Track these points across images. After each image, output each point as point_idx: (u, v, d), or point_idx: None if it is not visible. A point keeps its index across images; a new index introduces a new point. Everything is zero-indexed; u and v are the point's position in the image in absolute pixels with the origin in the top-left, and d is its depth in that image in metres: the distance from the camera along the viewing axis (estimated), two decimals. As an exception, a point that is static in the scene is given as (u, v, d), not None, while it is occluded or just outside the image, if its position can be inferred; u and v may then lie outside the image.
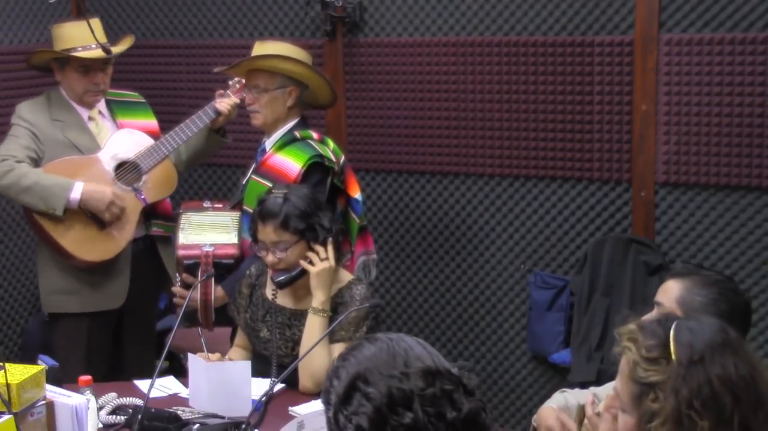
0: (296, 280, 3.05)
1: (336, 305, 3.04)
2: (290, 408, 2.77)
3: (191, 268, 3.42)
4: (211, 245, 3.42)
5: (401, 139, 4.32)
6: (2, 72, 4.41)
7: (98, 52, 3.57)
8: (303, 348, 2.98)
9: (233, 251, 3.42)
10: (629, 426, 1.80)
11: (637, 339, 1.79)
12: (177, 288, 3.47)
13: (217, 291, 3.38)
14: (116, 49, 3.71)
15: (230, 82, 3.79)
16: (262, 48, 3.56)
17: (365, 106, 4.36)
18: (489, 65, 4.09)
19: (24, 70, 4.37)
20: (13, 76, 4.43)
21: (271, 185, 3.36)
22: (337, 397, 1.60)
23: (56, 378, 2.79)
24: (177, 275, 3.50)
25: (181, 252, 3.44)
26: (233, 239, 3.44)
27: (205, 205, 3.59)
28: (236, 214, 3.52)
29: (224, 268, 3.40)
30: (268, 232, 3.01)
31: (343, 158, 3.59)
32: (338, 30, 4.31)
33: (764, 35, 3.60)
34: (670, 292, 2.39)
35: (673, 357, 1.74)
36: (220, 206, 3.59)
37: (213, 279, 3.36)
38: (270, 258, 3.03)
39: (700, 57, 3.71)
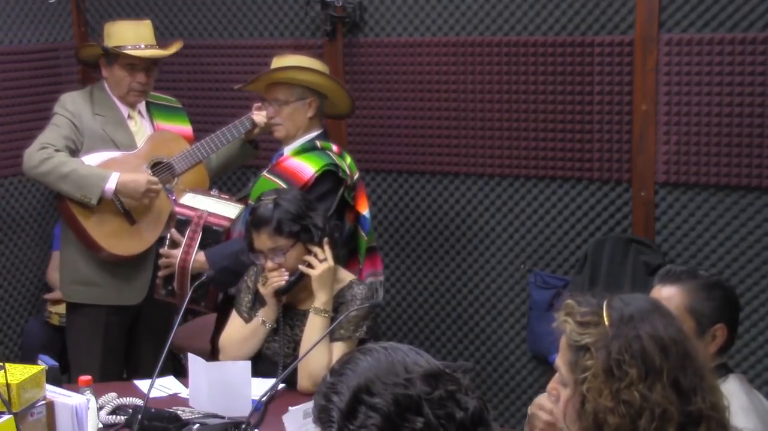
0: (295, 285, 3.05)
1: (337, 305, 3.05)
2: (290, 408, 2.76)
3: (181, 225, 3.49)
4: (207, 211, 3.49)
5: (401, 139, 4.32)
6: (2, 72, 4.41)
7: (145, 52, 3.68)
8: (303, 347, 2.99)
9: (226, 222, 3.48)
10: (567, 397, 1.83)
11: (573, 311, 1.85)
12: (164, 249, 3.54)
13: (198, 256, 3.42)
14: (164, 52, 3.79)
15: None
16: (279, 62, 3.59)
17: (365, 106, 4.36)
18: (489, 65, 4.09)
19: (24, 70, 4.39)
20: (12, 76, 4.44)
21: (282, 184, 3.38)
22: (339, 413, 1.56)
23: (56, 378, 2.79)
24: (167, 236, 3.54)
25: (177, 209, 3.54)
26: (231, 213, 3.48)
27: (212, 193, 3.62)
28: (240, 205, 3.55)
29: (213, 235, 3.45)
30: (263, 239, 3.02)
31: (357, 175, 3.61)
32: (338, 30, 4.31)
33: (764, 35, 3.60)
34: (674, 300, 2.40)
35: (605, 319, 1.80)
36: (227, 197, 3.62)
37: (197, 244, 3.42)
38: (269, 265, 3.03)
39: (700, 57, 3.71)
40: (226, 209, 3.54)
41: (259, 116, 3.75)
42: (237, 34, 4.59)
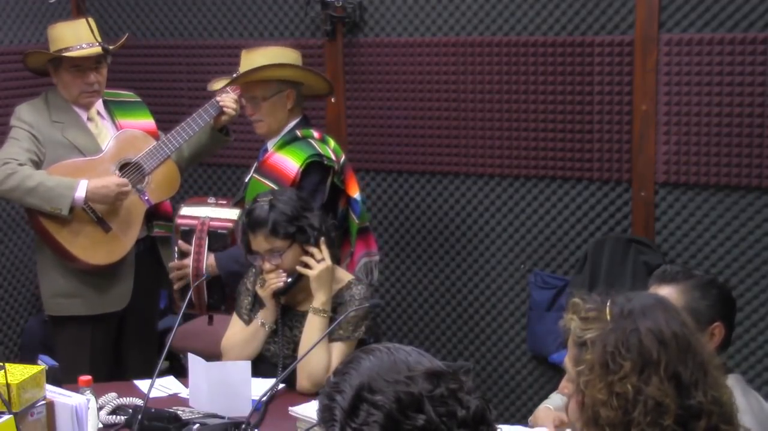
0: (293, 286, 3.05)
1: (335, 305, 3.05)
2: (290, 408, 2.77)
3: (186, 235, 3.46)
4: (209, 216, 3.47)
5: (401, 139, 4.32)
6: (2, 72, 4.41)
7: (88, 50, 3.56)
8: (302, 347, 2.99)
9: (230, 223, 3.45)
10: (572, 392, 1.86)
11: (579, 308, 1.87)
12: (173, 263, 3.51)
13: (209, 260, 3.42)
14: (97, 49, 3.63)
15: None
16: (249, 59, 3.56)
17: (365, 106, 4.36)
18: (489, 65, 4.08)
19: (24, 70, 4.38)
20: (12, 76, 4.44)
21: (271, 184, 3.37)
22: (342, 412, 1.57)
23: (56, 378, 2.79)
24: (175, 249, 3.51)
25: (179, 220, 3.50)
26: (232, 215, 3.46)
27: (209, 201, 3.60)
28: (238, 209, 3.54)
29: (219, 239, 3.43)
30: (259, 241, 3.02)
31: (343, 158, 3.60)
32: (338, 30, 4.31)
33: (764, 35, 3.60)
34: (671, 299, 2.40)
35: (607, 315, 1.82)
36: (224, 202, 3.60)
37: (205, 250, 3.40)
38: (267, 266, 3.03)
39: (700, 57, 3.71)
40: (226, 212, 3.52)
41: (224, 101, 3.67)
42: (237, 34, 4.59)
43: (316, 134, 3.55)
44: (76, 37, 3.57)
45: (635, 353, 1.76)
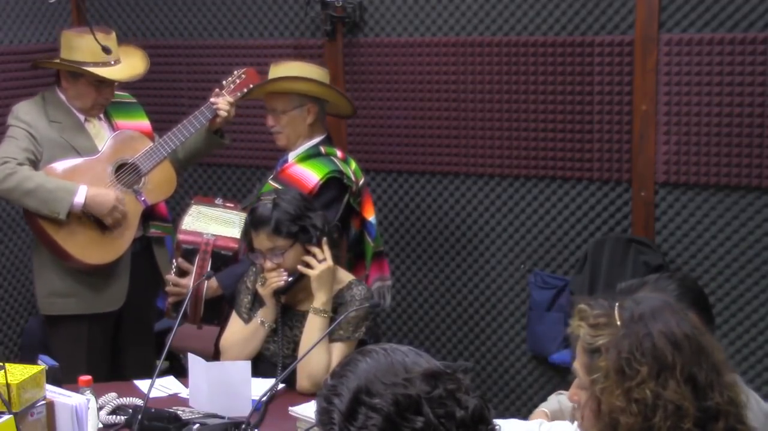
0: (294, 285, 3.05)
1: (336, 305, 3.05)
2: (290, 408, 2.77)
3: (188, 254, 3.44)
4: (213, 235, 3.44)
5: (401, 139, 4.32)
6: (2, 72, 4.41)
7: (117, 73, 3.58)
8: (302, 347, 2.99)
9: (234, 244, 3.44)
10: (585, 400, 1.84)
11: (586, 314, 1.85)
12: (171, 276, 3.50)
13: (210, 281, 3.39)
14: (139, 71, 3.71)
15: (224, 82, 3.77)
16: (276, 71, 3.57)
17: (365, 106, 4.36)
18: (489, 65, 4.09)
19: (24, 71, 4.39)
20: (12, 76, 4.44)
21: None
22: (340, 415, 1.57)
23: (56, 378, 2.79)
24: (173, 261, 3.50)
25: (181, 236, 3.47)
26: (236, 233, 3.45)
27: (216, 202, 3.59)
28: (245, 214, 3.53)
29: (222, 260, 3.42)
30: (261, 239, 3.02)
31: (362, 181, 3.61)
32: (338, 30, 4.31)
33: (764, 35, 3.60)
34: None
35: (617, 320, 1.81)
36: (231, 205, 3.60)
37: (208, 270, 3.38)
38: (268, 265, 3.03)
39: (700, 57, 3.71)
40: (231, 229, 3.50)
41: (219, 104, 3.67)
42: (237, 34, 4.59)
43: (339, 154, 3.57)
44: (105, 52, 3.51)
45: (650, 357, 1.74)
